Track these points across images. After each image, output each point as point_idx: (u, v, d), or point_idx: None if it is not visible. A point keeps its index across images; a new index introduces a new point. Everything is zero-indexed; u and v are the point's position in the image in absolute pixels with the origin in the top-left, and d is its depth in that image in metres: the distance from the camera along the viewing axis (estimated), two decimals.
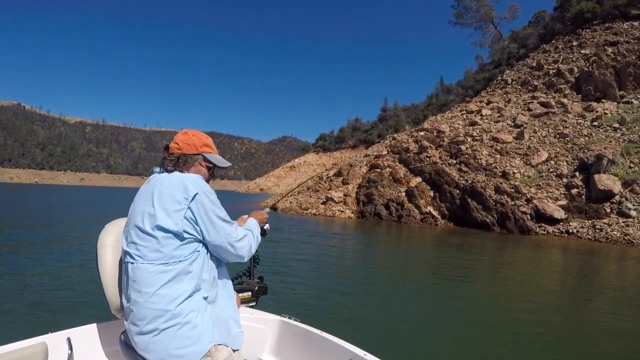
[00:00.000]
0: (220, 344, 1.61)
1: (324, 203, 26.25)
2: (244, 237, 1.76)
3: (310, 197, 28.26)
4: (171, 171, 1.74)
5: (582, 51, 30.07)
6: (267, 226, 2.26)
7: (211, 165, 1.86)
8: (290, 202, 28.60)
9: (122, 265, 1.70)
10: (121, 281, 1.73)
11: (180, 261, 1.58)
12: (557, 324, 5.47)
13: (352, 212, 24.28)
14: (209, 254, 1.70)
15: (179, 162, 1.77)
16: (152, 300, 1.54)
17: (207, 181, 1.81)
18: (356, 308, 5.99)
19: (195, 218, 1.61)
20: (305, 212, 25.93)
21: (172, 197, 1.60)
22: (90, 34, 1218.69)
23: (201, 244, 1.66)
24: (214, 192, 1.71)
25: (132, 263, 1.60)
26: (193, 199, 1.60)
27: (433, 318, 5.70)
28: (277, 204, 29.36)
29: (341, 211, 24.54)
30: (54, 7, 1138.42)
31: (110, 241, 1.84)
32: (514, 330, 5.19)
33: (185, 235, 1.59)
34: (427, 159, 24.56)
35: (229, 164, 1.95)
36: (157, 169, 1.80)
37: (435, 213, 21.13)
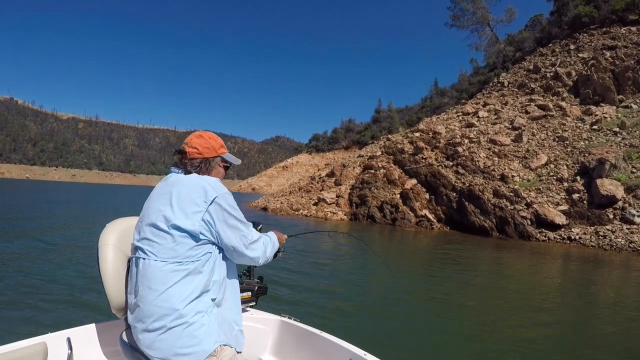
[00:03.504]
0: (225, 345, 1.60)
1: (315, 204, 25.48)
2: (258, 239, 1.78)
3: (302, 197, 27.50)
4: (190, 173, 1.74)
5: (580, 55, 29.71)
6: (281, 252, 2.23)
7: (227, 165, 1.90)
8: (281, 203, 27.83)
9: (131, 261, 1.70)
10: (127, 278, 1.74)
11: (192, 261, 1.58)
12: (556, 334, 5.27)
13: (345, 214, 23.52)
14: (220, 255, 1.69)
15: (202, 167, 1.78)
16: (161, 297, 1.53)
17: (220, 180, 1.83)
18: (356, 308, 5.96)
19: (213, 221, 1.62)
20: (296, 212, 25.16)
21: (191, 199, 1.61)
22: (85, 31, 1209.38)
23: (214, 246, 1.66)
24: (232, 194, 1.70)
25: (143, 259, 1.60)
26: (212, 202, 1.61)
27: (432, 319, 5.67)
28: (268, 204, 28.61)
29: (333, 213, 23.76)
30: (48, 3, 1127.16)
31: (112, 241, 1.83)
32: (512, 333, 5.15)
33: (201, 237, 1.60)
34: (423, 160, 23.90)
35: (240, 161, 1.99)
36: (176, 170, 1.77)
37: (431, 216, 20.43)
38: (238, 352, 1.68)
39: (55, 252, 9.00)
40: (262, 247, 1.79)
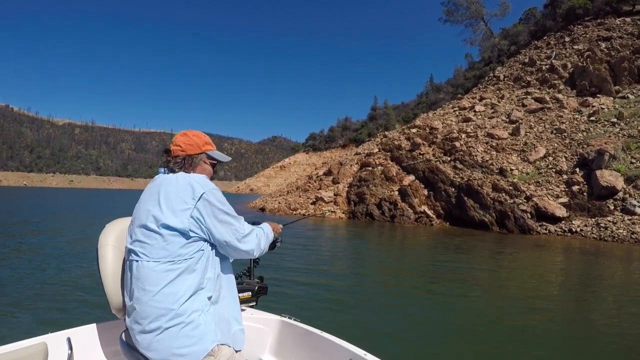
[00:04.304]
0: (222, 344, 1.58)
1: (313, 203, 25.30)
2: (251, 232, 1.76)
3: (300, 197, 27.32)
4: (177, 172, 1.73)
5: (575, 47, 29.62)
6: (279, 242, 2.24)
7: (215, 162, 1.88)
8: (279, 203, 27.65)
9: (126, 263, 1.69)
10: (123, 280, 1.73)
11: (185, 259, 1.57)
12: (557, 329, 5.23)
13: (343, 212, 23.35)
14: (213, 252, 1.68)
15: (185, 164, 1.76)
16: (156, 298, 1.52)
17: (212, 179, 1.82)
18: (356, 308, 5.95)
19: (203, 217, 1.60)
20: (294, 212, 24.98)
21: (179, 197, 1.60)
22: (79, 35, 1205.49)
23: (206, 243, 1.64)
24: (220, 189, 1.69)
25: (136, 261, 1.59)
26: (200, 198, 1.60)
27: (432, 318, 5.60)
28: (266, 205, 28.42)
29: (332, 211, 23.59)
30: (42, 8, 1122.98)
31: (111, 241, 1.83)
32: (513, 329, 5.11)
33: (191, 234, 1.59)
34: (420, 156, 23.74)
35: (229, 158, 1.97)
36: (162, 170, 1.78)
37: (430, 212, 20.28)
38: (237, 351, 1.66)
39: (55, 253, 8.98)
40: (255, 239, 1.77)
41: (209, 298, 1.62)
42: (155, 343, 1.52)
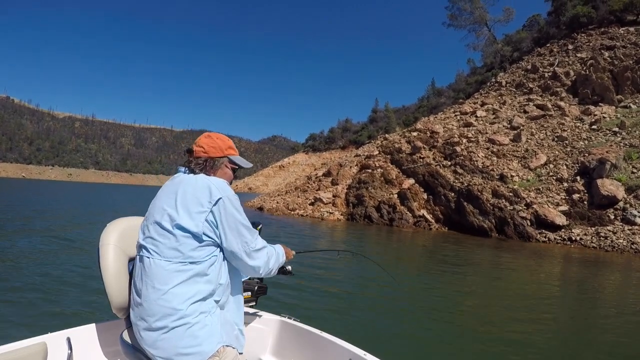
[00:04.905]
0: (227, 345, 1.59)
1: (312, 204, 25.17)
2: (262, 249, 1.74)
3: (298, 197, 27.20)
4: (197, 173, 1.73)
5: (578, 55, 29.58)
6: (289, 267, 2.21)
7: (235, 167, 1.87)
8: (277, 202, 27.53)
9: (135, 259, 1.71)
10: (130, 278, 1.75)
11: (197, 262, 1.57)
12: (555, 330, 5.25)
13: (342, 214, 23.23)
14: (226, 259, 1.68)
15: (207, 166, 1.76)
16: (164, 297, 1.53)
17: (230, 183, 1.81)
18: (356, 308, 5.94)
19: (216, 222, 1.61)
20: (292, 212, 24.86)
21: (196, 199, 1.60)
22: (81, 29, 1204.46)
23: (218, 249, 1.65)
24: (238, 197, 1.68)
25: (147, 257, 1.60)
26: (216, 203, 1.60)
27: (431, 319, 5.60)
28: (264, 204, 28.32)
29: (330, 213, 23.46)
30: (45, 1, 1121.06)
31: (113, 240, 1.82)
32: (511, 336, 5.04)
33: (204, 238, 1.59)
34: (421, 160, 23.63)
35: (251, 164, 1.96)
36: (182, 169, 1.78)
37: (429, 217, 20.16)
38: (240, 354, 1.67)
39: (55, 251, 8.88)
40: (264, 257, 1.74)
41: (217, 301, 1.63)
42: (161, 342, 1.52)
